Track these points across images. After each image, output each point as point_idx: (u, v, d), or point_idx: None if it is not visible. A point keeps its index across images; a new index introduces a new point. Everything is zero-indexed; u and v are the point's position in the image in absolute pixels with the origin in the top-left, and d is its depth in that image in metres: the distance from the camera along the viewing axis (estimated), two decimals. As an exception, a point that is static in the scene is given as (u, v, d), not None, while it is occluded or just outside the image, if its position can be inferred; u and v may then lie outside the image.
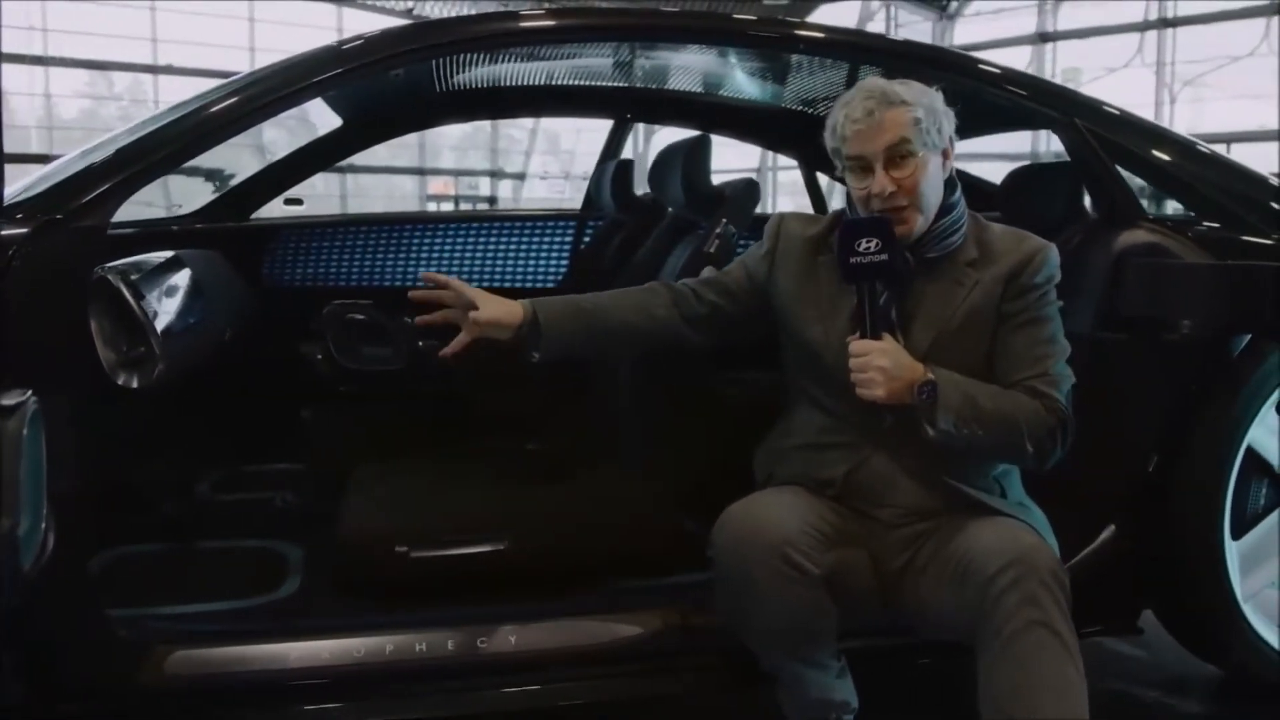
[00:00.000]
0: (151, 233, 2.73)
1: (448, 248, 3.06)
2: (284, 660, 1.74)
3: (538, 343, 1.76)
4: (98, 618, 1.69)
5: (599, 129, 3.42)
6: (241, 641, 1.77)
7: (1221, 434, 2.03)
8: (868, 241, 1.63)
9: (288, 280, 2.92)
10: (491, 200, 15.55)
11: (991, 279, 1.72)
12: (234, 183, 2.97)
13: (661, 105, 3.16)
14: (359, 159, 13.70)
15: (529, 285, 3.13)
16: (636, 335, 1.85)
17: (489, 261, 3.14)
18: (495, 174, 15.68)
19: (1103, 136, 2.11)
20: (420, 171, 14.89)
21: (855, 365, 1.62)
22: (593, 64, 2.77)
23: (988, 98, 2.11)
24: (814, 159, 3.38)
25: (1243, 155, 2.68)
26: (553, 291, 2.96)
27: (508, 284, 3.11)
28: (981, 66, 2.17)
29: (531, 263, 3.13)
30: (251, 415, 2.48)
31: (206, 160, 2.00)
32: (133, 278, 1.86)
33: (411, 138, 14.34)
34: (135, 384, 1.78)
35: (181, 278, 2.12)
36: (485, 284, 3.03)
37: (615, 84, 3.00)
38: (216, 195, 2.97)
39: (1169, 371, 2.03)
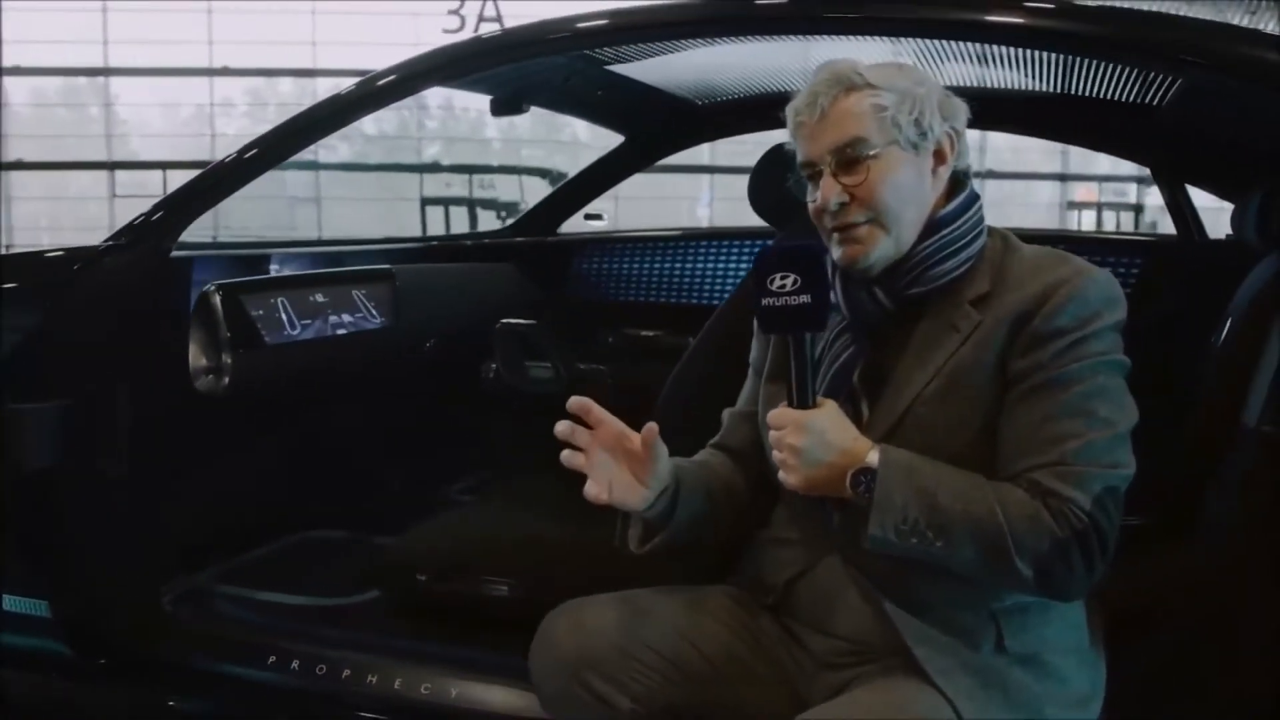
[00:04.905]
0: (430, 248, 3.04)
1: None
2: (261, 660, 1.83)
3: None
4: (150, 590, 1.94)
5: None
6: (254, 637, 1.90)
7: None
8: (782, 278, 1.21)
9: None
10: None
11: (994, 321, 1.23)
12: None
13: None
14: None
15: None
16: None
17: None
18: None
19: None
20: (1063, 178, 13.60)
21: (771, 441, 1.23)
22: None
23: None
24: (1171, 169, 2.62)
25: None
26: None
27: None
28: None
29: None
30: (437, 420, 2.63)
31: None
32: (239, 294, 2.10)
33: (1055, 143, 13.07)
34: (203, 390, 2.00)
35: (351, 293, 2.33)
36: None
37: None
38: (524, 212, 3.23)
39: None
